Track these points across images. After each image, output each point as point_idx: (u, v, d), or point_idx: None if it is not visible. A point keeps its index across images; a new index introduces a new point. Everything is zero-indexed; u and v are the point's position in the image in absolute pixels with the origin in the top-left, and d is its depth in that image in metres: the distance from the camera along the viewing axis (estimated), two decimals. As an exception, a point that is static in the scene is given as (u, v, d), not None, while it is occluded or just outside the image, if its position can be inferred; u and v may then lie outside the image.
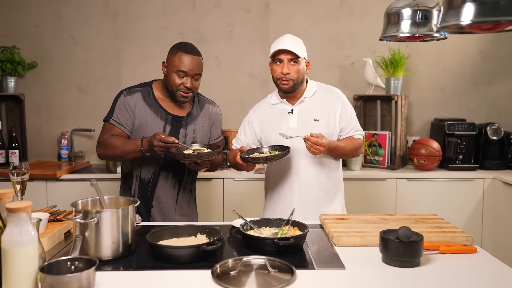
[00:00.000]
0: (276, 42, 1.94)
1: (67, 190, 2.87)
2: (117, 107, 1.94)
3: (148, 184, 1.96)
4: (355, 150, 2.01)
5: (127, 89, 1.97)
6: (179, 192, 2.00)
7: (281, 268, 1.25)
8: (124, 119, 1.93)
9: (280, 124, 1.97)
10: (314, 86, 2.03)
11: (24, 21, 3.33)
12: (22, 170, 1.62)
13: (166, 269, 1.28)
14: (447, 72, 3.46)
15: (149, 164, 1.95)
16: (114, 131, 1.93)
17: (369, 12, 3.37)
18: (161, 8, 3.37)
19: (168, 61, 1.90)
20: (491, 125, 3.18)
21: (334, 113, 1.97)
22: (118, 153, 1.89)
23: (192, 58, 1.87)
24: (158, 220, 1.96)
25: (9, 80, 3.22)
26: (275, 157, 1.81)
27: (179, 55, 1.87)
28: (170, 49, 1.93)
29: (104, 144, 1.92)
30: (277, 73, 1.94)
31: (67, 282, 1.04)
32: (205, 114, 2.05)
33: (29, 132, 3.36)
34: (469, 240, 1.48)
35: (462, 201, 3.00)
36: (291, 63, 1.91)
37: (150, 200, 1.96)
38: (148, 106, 1.93)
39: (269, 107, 2.05)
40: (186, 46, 1.91)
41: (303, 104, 1.99)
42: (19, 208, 1.03)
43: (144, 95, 1.95)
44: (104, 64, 3.39)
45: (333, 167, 2.01)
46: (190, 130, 1.98)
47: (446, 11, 1.03)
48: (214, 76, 3.39)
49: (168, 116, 1.94)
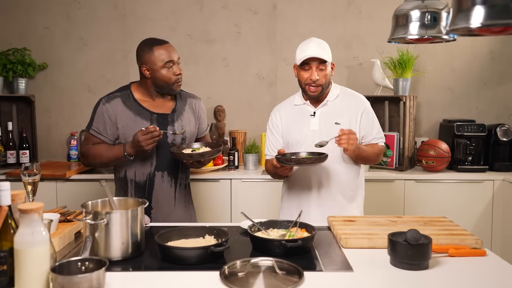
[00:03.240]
0: (303, 48, 1.90)
1: (77, 190, 2.90)
2: (97, 116, 1.94)
3: (144, 187, 1.95)
4: (377, 156, 2.01)
5: (106, 97, 1.97)
6: (176, 190, 2.00)
7: (289, 270, 1.25)
8: (104, 128, 1.92)
9: (301, 126, 1.98)
10: (337, 90, 2.02)
11: (34, 23, 3.37)
12: (34, 171, 1.64)
13: (175, 270, 1.29)
14: (456, 72, 3.44)
15: (142, 166, 1.94)
16: (94, 141, 1.94)
17: (377, 12, 3.36)
18: (169, 9, 3.39)
19: (149, 61, 1.89)
20: (501, 126, 3.15)
21: (355, 119, 1.97)
22: (103, 160, 1.92)
23: (168, 46, 1.92)
24: (159, 221, 1.95)
25: (20, 81, 3.26)
26: (310, 160, 1.78)
27: (157, 50, 1.89)
28: (141, 50, 1.93)
29: (86, 154, 1.95)
30: (305, 79, 1.91)
31: (77, 282, 1.05)
32: (190, 108, 2.05)
33: (39, 132, 3.39)
34: (479, 243, 1.47)
35: (471, 203, 2.97)
36: (319, 69, 1.89)
37: (149, 202, 1.96)
38: (129, 109, 1.92)
39: (291, 107, 2.04)
40: (155, 40, 1.95)
41: (326, 107, 1.98)
42: (31, 209, 1.05)
43: (124, 100, 1.94)
44: (113, 65, 3.41)
45: (354, 172, 2.00)
46: (178, 126, 1.97)
47: (456, 14, 1.02)
48: (222, 77, 3.40)
49: (153, 115, 1.94)
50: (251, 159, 3.11)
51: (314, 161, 1.78)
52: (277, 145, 2.03)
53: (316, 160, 1.78)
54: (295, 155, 1.89)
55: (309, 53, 1.86)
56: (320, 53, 1.87)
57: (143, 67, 1.91)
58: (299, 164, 1.81)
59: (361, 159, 1.97)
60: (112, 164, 1.96)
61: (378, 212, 2.67)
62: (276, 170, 1.89)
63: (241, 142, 3.29)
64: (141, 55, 1.93)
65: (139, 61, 1.94)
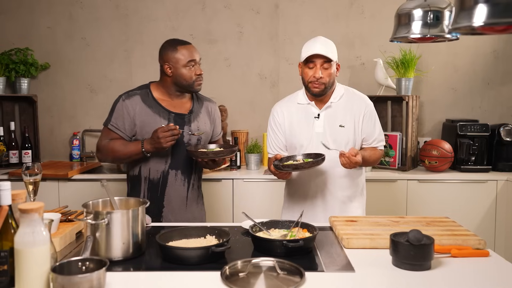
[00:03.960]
0: (308, 46, 1.90)
1: (79, 190, 2.90)
2: (116, 111, 1.97)
3: (157, 185, 1.98)
4: (376, 161, 2.05)
5: (126, 93, 2.00)
6: (188, 190, 2.02)
7: (290, 270, 1.25)
8: (122, 124, 1.95)
9: (306, 128, 1.97)
10: (341, 90, 2.01)
11: (36, 23, 3.38)
12: (35, 171, 1.65)
13: (176, 270, 1.29)
14: (459, 72, 3.42)
15: (157, 163, 1.97)
16: (112, 136, 1.97)
17: (379, 12, 3.35)
18: (171, 9, 3.39)
19: (172, 59, 1.94)
20: (505, 126, 3.14)
21: (358, 121, 1.96)
22: (119, 156, 1.95)
23: (191, 47, 1.97)
24: (170, 220, 1.97)
25: (22, 81, 3.26)
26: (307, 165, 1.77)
27: (180, 50, 1.93)
28: (165, 49, 1.97)
29: (104, 149, 1.97)
30: (309, 76, 1.91)
31: (78, 282, 1.05)
32: (206, 111, 2.09)
33: (42, 132, 3.40)
34: (482, 243, 1.46)
35: (474, 203, 2.95)
36: (323, 67, 1.88)
37: (161, 200, 1.98)
38: (148, 107, 1.96)
39: (295, 106, 2.02)
40: (179, 40, 2.00)
41: (330, 109, 1.97)
42: (32, 209, 1.04)
43: (143, 97, 1.98)
44: (115, 65, 3.42)
45: (356, 173, 2.01)
46: (194, 127, 2.00)
47: (458, 13, 1.01)
48: (224, 77, 3.40)
49: (171, 114, 1.97)
50: (253, 159, 3.10)
51: (312, 165, 1.78)
52: (279, 143, 2.03)
53: (314, 164, 1.77)
54: (292, 159, 1.88)
55: (314, 50, 1.86)
56: (326, 50, 1.86)
57: (166, 65, 1.96)
58: (297, 169, 1.81)
59: (361, 165, 1.98)
60: (128, 160, 1.98)
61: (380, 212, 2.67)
62: (275, 174, 1.89)
63: (243, 142, 3.28)
64: (164, 53, 1.97)
65: (162, 59, 1.98)
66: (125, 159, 1.97)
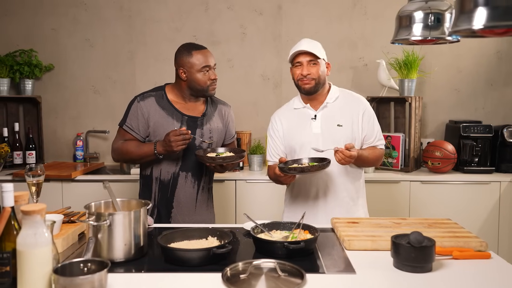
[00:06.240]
0: (294, 47, 1.94)
1: (82, 191, 2.92)
2: (131, 113, 2.00)
3: (168, 186, 2.00)
4: (377, 161, 2.03)
5: (141, 95, 2.03)
6: (198, 192, 2.04)
7: (291, 272, 1.25)
8: (137, 125, 1.98)
9: (303, 130, 1.97)
10: (336, 92, 2.02)
11: (41, 24, 3.40)
12: (38, 172, 1.66)
13: (177, 271, 1.29)
14: (463, 73, 3.41)
15: (168, 165, 1.99)
16: (127, 137, 2.01)
17: (382, 13, 3.34)
18: (175, 10, 3.40)
19: (187, 64, 1.95)
20: (508, 127, 3.12)
21: (357, 120, 1.96)
22: (133, 157, 1.99)
23: (206, 52, 1.97)
24: (179, 221, 1.99)
25: (27, 82, 3.29)
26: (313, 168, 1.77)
27: (195, 54, 1.94)
28: (180, 53, 1.98)
29: (119, 149, 2.01)
30: (297, 75, 1.93)
31: (79, 283, 1.05)
32: (219, 115, 2.10)
33: (46, 133, 3.42)
34: (483, 245, 1.46)
35: (477, 205, 2.94)
36: (310, 65, 1.90)
37: (170, 201, 2.00)
38: (162, 109, 1.99)
39: (291, 111, 2.03)
40: (194, 45, 2.00)
41: (326, 109, 1.98)
42: (34, 210, 1.05)
43: (157, 99, 2.00)
44: (119, 66, 3.43)
45: (357, 174, 2.01)
46: (206, 130, 2.02)
47: (458, 15, 1.01)
48: (227, 78, 3.41)
49: (184, 117, 1.99)
50: (256, 160, 3.11)
51: (318, 169, 1.77)
52: (278, 151, 2.03)
53: (320, 168, 1.77)
54: (297, 162, 1.88)
55: (298, 48, 1.89)
56: (310, 47, 1.89)
57: (180, 69, 1.97)
58: (302, 172, 1.80)
59: (360, 165, 1.99)
60: (142, 161, 2.01)
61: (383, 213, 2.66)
62: (278, 178, 1.88)
63: (246, 143, 3.29)
64: (179, 58, 1.98)
65: (177, 64, 1.99)
66: (138, 160, 2.00)
